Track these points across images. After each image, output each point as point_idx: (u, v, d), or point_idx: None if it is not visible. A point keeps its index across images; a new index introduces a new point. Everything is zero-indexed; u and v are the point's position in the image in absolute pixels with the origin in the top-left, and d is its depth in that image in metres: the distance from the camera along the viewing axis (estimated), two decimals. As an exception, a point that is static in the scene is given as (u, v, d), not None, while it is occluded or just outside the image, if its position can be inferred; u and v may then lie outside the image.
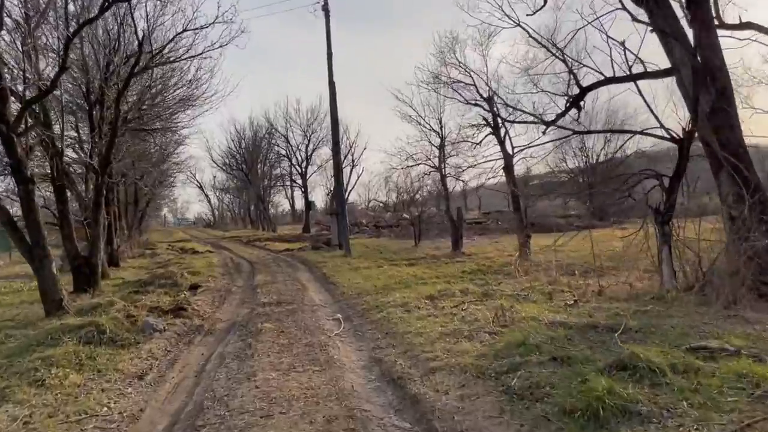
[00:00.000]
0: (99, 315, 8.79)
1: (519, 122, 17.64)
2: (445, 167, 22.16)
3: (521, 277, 12.87)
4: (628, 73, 12.03)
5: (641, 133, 10.75)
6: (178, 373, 6.75)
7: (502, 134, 17.52)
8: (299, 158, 49.59)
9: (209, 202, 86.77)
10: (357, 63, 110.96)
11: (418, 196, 74.75)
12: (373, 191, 72.47)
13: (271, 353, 7.19)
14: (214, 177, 73.62)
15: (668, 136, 9.85)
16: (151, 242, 39.08)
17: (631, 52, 11.69)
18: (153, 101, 17.86)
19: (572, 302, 9.03)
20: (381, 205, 73.59)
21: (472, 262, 17.85)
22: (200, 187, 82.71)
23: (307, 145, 49.10)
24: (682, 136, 9.53)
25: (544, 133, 17.64)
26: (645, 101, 10.16)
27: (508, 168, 17.27)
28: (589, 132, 12.37)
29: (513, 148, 17.30)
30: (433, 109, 21.88)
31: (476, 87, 18.13)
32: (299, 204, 70.87)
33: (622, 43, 11.10)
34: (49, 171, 14.12)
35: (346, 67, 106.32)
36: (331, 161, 61.43)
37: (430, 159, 22.55)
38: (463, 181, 23.05)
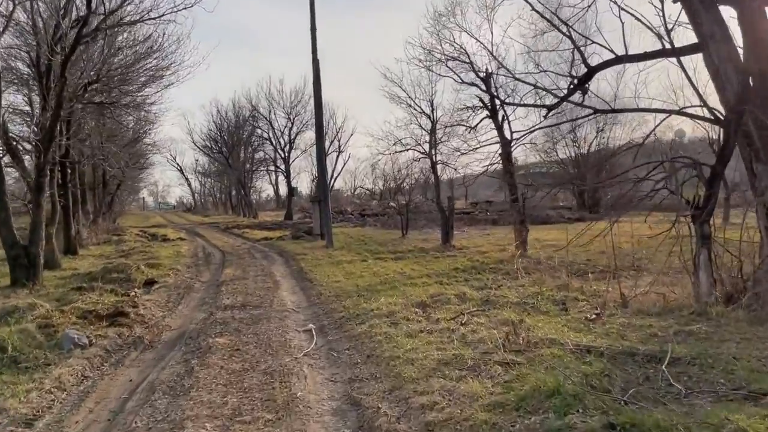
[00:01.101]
0: (7, 324, 7.01)
1: (519, 105, 16.01)
2: (436, 153, 20.45)
3: (523, 277, 11.25)
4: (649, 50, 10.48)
5: (678, 112, 9.10)
6: (85, 416, 5.00)
7: (501, 118, 15.85)
8: (282, 142, 47.61)
9: (190, 186, 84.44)
10: (345, 47, 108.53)
11: (404, 184, 73.24)
12: (360, 178, 70.75)
13: (216, 386, 5.47)
14: (197, 161, 71.30)
15: (711, 117, 8.24)
16: (123, 227, 36.99)
17: (649, 27, 10.08)
18: (111, 70, 15.85)
19: (593, 316, 7.41)
20: (367, 192, 71.88)
21: (464, 257, 16.24)
22: (180, 171, 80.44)
23: (291, 128, 47.12)
24: (727, 115, 7.90)
25: (545, 117, 16.07)
26: (686, 75, 8.51)
27: (506, 155, 15.63)
28: (613, 111, 10.72)
29: (512, 133, 15.67)
30: (424, 90, 20.14)
31: (472, 65, 16.43)
32: (283, 190, 69.02)
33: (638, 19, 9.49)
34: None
35: (333, 51, 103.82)
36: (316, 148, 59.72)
37: (420, 144, 20.84)
38: (454, 168, 21.37)
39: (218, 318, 8.81)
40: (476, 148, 15.87)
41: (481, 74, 16.13)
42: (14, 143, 14.75)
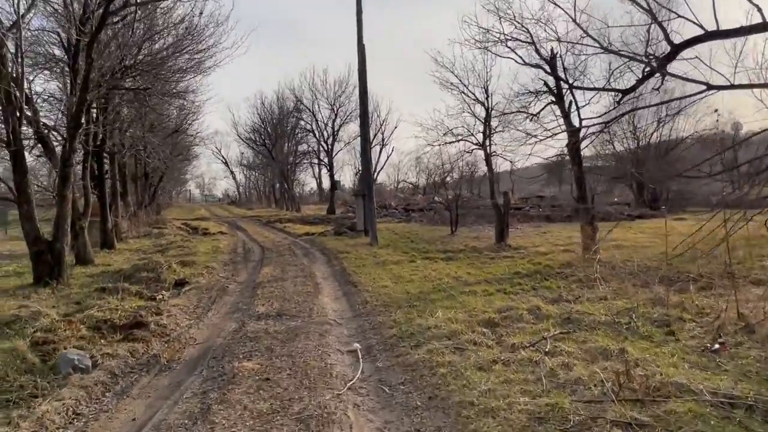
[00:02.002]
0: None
1: (589, 89, 14.30)
2: (490, 145, 18.89)
3: (601, 286, 9.65)
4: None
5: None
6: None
7: (567, 104, 14.18)
8: (326, 134, 46.55)
9: (234, 178, 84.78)
10: (390, 39, 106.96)
11: (449, 178, 71.58)
12: (403, 172, 69.41)
13: (235, 437, 4.20)
14: (242, 154, 71.18)
15: None
16: (166, 220, 36.60)
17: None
18: (146, 54, 14.85)
19: (715, 345, 5.83)
20: (411, 186, 70.51)
21: (523, 259, 14.67)
22: (225, 163, 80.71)
23: (334, 120, 45.97)
24: None
25: (618, 102, 14.32)
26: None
27: (574, 146, 13.98)
28: (733, 87, 8.91)
29: (581, 121, 13.96)
30: (478, 75, 18.63)
31: (535, 46, 14.76)
32: (326, 183, 68.22)
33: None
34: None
35: (379, 44, 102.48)
36: (360, 138, 58.58)
37: (472, 134, 19.30)
38: (510, 161, 19.76)
39: (249, 331, 7.58)
40: (542, 139, 14.20)
41: (545, 54, 14.48)
42: (46, 132, 13.91)
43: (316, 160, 53.99)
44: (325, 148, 46.67)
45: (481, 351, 5.84)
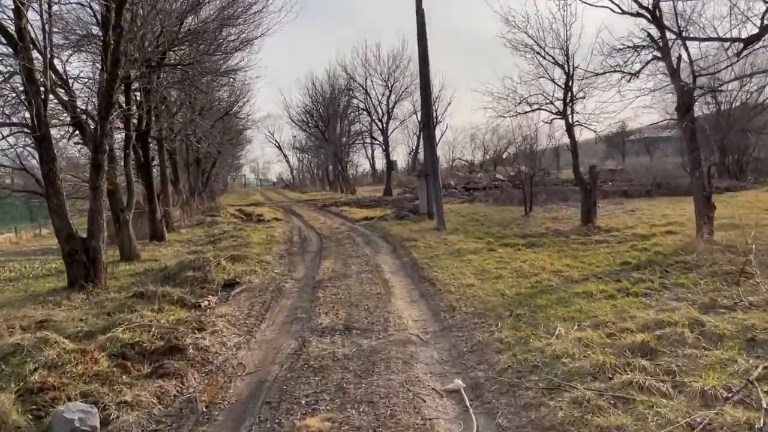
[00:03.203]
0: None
1: (703, 39, 11.85)
2: (573, 112, 16.55)
3: (752, 281, 7.46)
4: None
5: None
6: None
7: (676, 59, 11.78)
8: (380, 112, 44.57)
9: (288, 162, 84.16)
10: (440, 16, 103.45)
11: (505, 154, 68.72)
12: (458, 150, 66.98)
13: None
14: (294, 137, 70.29)
15: None
16: (220, 206, 35.73)
17: None
18: (186, 22, 13.27)
19: None
20: (466, 164, 68.04)
21: (621, 244, 12.54)
22: (279, 147, 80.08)
23: (389, 97, 43.89)
24: None
25: (738, 55, 11.82)
26: None
27: (686, 107, 11.60)
28: None
29: (695, 78, 11.51)
30: (557, 35, 16.18)
31: (632, -8, 12.39)
32: (379, 164, 66.56)
33: None
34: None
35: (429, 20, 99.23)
36: (417, 114, 56.33)
37: (552, 102, 16.97)
38: (594, 130, 17.37)
39: (313, 355, 5.87)
40: (635, 98, 11.95)
41: (648, 3, 12.08)
42: (84, 117, 12.59)
43: (369, 140, 52.25)
44: (380, 126, 44.80)
45: (659, 405, 3.90)
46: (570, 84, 16.42)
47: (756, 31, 11.46)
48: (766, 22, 11.45)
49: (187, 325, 6.92)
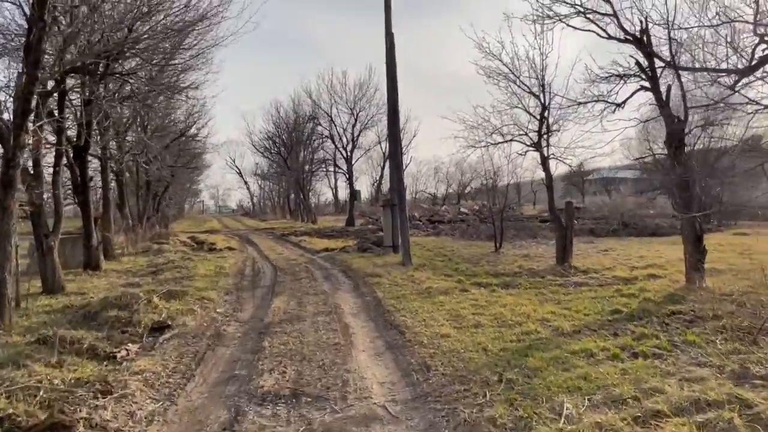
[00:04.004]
0: None
1: (696, 69, 11.03)
2: (548, 145, 15.62)
3: (761, 343, 6.36)
4: None
5: None
6: None
7: (665, 91, 10.92)
8: (345, 140, 43.37)
9: (248, 189, 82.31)
10: (405, 52, 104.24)
11: (468, 188, 68.30)
12: (422, 182, 66.39)
13: None
14: (256, 164, 68.48)
15: None
16: (172, 233, 33.66)
17: None
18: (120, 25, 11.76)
19: None
20: (429, 196, 67.41)
21: (603, 288, 11.52)
22: (240, 174, 78.23)
23: (354, 125, 42.84)
24: None
25: (732, 88, 11.04)
26: None
27: (677, 140, 10.70)
28: None
29: (686, 109, 10.64)
30: (532, 63, 15.32)
31: (617, 18, 11.59)
32: (342, 194, 65.39)
33: None
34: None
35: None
36: (381, 144, 55.42)
37: (526, 134, 16.01)
38: (569, 165, 16.49)
39: (246, 437, 4.42)
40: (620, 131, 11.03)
41: (632, 29, 11.26)
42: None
43: (333, 169, 50.98)
44: (344, 155, 43.55)
45: None
46: (546, 115, 15.54)
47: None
48: (757, 54, 10.78)
49: (89, 387, 5.37)
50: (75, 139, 15.36)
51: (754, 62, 10.67)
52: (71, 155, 15.45)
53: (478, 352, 6.60)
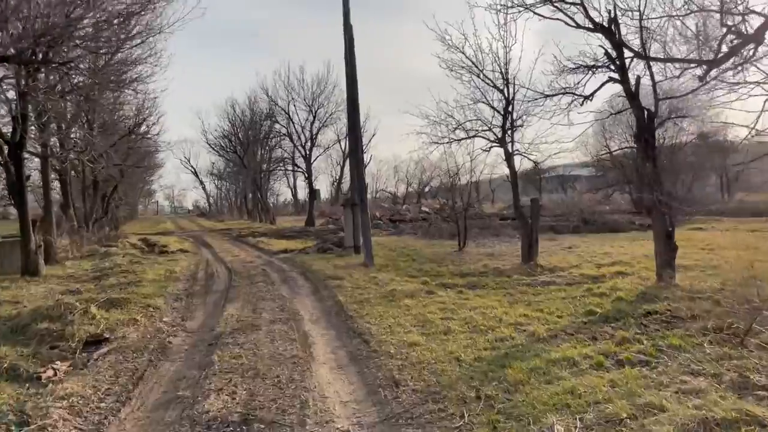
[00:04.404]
0: None
1: (665, 60, 10.73)
2: (512, 141, 15.23)
3: (755, 342, 5.99)
4: None
5: None
6: None
7: (635, 82, 10.57)
8: (303, 138, 42.33)
9: (204, 189, 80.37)
10: (362, 53, 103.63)
11: (428, 187, 68.16)
12: (382, 181, 65.87)
13: None
14: (213, 163, 66.62)
15: None
16: (123, 235, 32.16)
17: None
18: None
19: None
20: (389, 195, 66.98)
21: (572, 287, 11.18)
22: (195, 173, 76.27)
23: (312, 123, 41.86)
24: None
25: (702, 79, 10.78)
26: None
27: (648, 134, 10.38)
28: None
29: (657, 101, 10.32)
30: (495, 57, 14.89)
31: (584, 7, 11.22)
32: (302, 194, 64.41)
33: None
34: None
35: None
36: (341, 143, 54.57)
37: (491, 129, 15.60)
38: (533, 161, 16.15)
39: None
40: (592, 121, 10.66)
41: (602, 19, 10.90)
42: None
43: (291, 167, 49.91)
44: (303, 153, 42.52)
45: None
46: (510, 109, 15.13)
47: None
48: (723, 47, 10.56)
49: (1, 418, 4.56)
50: (9, 135, 14.22)
51: (720, 54, 10.46)
52: (6, 152, 14.31)
53: (450, 362, 6.01)
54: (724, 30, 10.43)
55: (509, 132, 15.31)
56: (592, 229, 28.43)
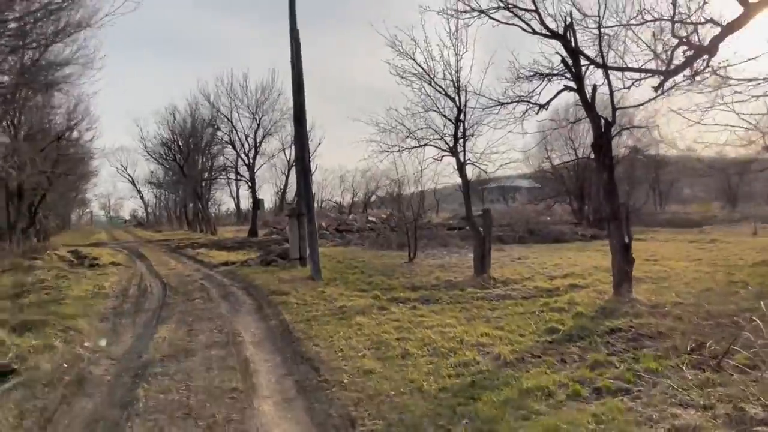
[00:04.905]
0: None
1: (621, 69, 10.49)
2: (464, 150, 14.82)
3: (731, 363, 5.62)
4: None
5: None
6: None
7: (591, 92, 10.29)
8: (247, 147, 40.96)
9: (142, 198, 77.25)
10: (307, 63, 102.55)
11: (374, 197, 67.77)
12: (327, 191, 64.96)
13: None
14: (152, 172, 63.89)
15: None
16: (51, 246, 30.07)
17: None
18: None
19: None
20: (335, 205, 66.16)
21: (528, 300, 10.86)
22: (132, 182, 73.24)
23: (256, 131, 40.55)
24: None
25: (657, 90, 10.59)
26: None
27: (605, 144, 10.08)
28: None
29: (614, 110, 10.05)
30: (447, 65, 14.48)
31: (539, 14, 10.90)
32: (244, 204, 62.68)
33: None
34: None
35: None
36: (285, 152, 53.36)
37: (442, 138, 15.14)
38: (485, 171, 15.76)
39: None
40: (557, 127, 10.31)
41: (557, 27, 10.60)
42: None
43: (234, 176, 48.31)
44: (246, 161, 41.11)
45: None
46: (462, 117, 14.73)
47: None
48: (676, 57, 10.43)
49: None
50: None
51: (674, 65, 10.32)
52: None
53: (412, 394, 5.35)
54: (676, 41, 10.33)
55: (461, 141, 14.90)
56: (538, 240, 28.54)
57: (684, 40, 10.20)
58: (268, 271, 16.99)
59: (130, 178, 72.60)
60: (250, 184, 41.31)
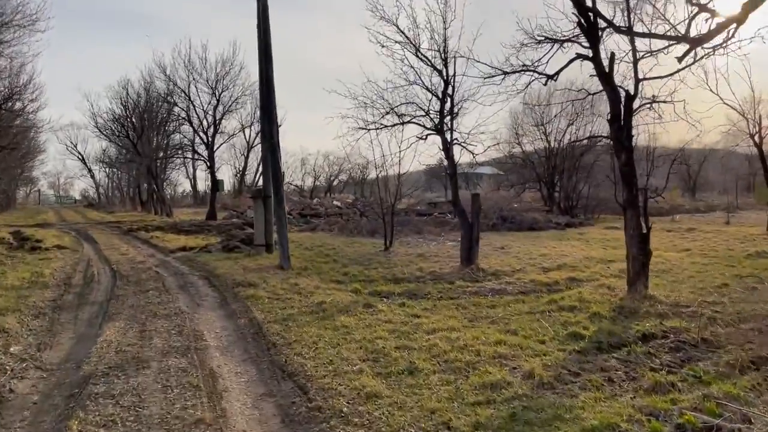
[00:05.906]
0: None
1: (651, 36, 9.30)
2: (451, 129, 13.58)
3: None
4: None
5: None
6: None
7: (609, 60, 9.12)
8: (205, 123, 38.63)
9: (93, 178, 73.54)
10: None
11: (336, 181, 66.19)
12: (288, 174, 63.00)
13: None
14: (104, 150, 60.51)
15: None
16: (-11, 227, 27.63)
17: None
18: None
19: None
20: (297, 189, 64.35)
21: (528, 296, 9.85)
22: (83, 160, 69.62)
23: (216, 107, 38.27)
24: None
25: (680, 60, 9.50)
26: None
27: (620, 121, 8.95)
28: None
29: (637, 81, 8.90)
30: (433, 31, 13.17)
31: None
32: (202, 185, 60.30)
33: None
34: None
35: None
36: (245, 131, 51.19)
37: (428, 114, 13.83)
38: (472, 152, 14.52)
39: None
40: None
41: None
42: None
43: (191, 155, 45.93)
44: (204, 140, 38.82)
45: None
46: (449, 92, 13.46)
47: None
48: (694, 24, 9.37)
49: None
50: None
51: (701, 32, 9.26)
52: None
53: (433, 427, 4.08)
54: (696, 9, 9.26)
55: (448, 119, 13.64)
56: (512, 227, 27.69)
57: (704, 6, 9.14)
58: (231, 258, 15.45)
59: (80, 156, 69.01)
60: (208, 163, 39.17)
